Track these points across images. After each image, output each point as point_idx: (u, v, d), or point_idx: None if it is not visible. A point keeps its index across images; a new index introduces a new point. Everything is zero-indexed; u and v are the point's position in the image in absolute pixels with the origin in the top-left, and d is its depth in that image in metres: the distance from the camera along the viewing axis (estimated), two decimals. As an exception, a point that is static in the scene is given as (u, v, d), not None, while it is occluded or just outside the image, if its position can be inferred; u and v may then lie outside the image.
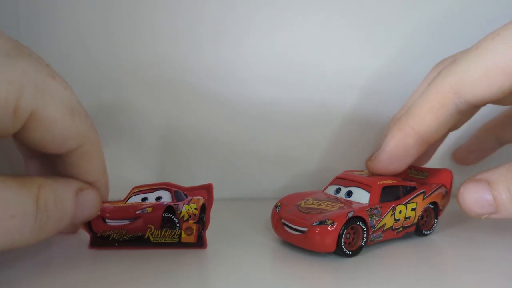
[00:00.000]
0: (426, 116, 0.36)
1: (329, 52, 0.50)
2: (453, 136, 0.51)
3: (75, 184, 0.32)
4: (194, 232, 0.37)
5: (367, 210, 0.36)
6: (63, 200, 0.31)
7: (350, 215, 0.34)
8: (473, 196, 0.33)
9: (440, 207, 0.41)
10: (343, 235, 0.34)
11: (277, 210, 0.38)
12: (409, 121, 0.37)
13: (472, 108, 0.36)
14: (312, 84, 0.50)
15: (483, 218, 0.33)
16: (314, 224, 0.34)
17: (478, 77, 0.33)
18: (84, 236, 0.36)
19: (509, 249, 0.38)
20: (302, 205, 0.37)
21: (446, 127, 0.37)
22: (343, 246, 0.34)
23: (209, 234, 0.37)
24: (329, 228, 0.33)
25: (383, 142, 0.39)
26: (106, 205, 0.36)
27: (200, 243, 0.37)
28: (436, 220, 0.40)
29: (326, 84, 0.50)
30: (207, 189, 0.38)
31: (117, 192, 0.37)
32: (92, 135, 0.32)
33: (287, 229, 0.36)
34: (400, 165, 0.39)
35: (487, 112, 0.44)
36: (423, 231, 0.40)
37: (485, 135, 0.50)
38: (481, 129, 0.50)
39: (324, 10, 0.49)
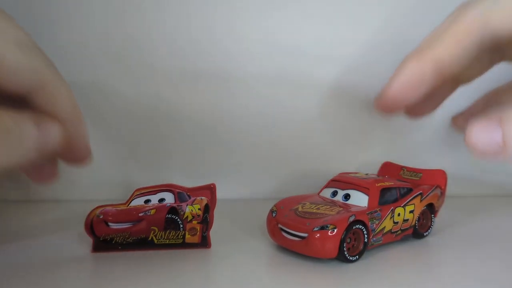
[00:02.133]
0: (447, 43, 0.32)
1: (330, 51, 0.48)
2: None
3: (33, 115, 0.28)
4: (198, 233, 0.35)
5: (368, 214, 0.34)
6: (22, 124, 0.27)
7: (351, 219, 0.32)
8: (482, 132, 0.29)
9: (436, 208, 0.39)
10: (345, 240, 0.32)
11: (273, 215, 0.36)
12: (428, 47, 0.33)
13: (495, 46, 0.32)
14: (311, 84, 0.48)
15: (487, 159, 0.30)
16: (315, 229, 0.32)
17: (510, 4, 0.30)
18: (87, 240, 0.34)
19: (507, 249, 0.37)
20: (300, 209, 0.35)
21: (466, 59, 0.33)
22: (345, 251, 0.32)
23: (212, 234, 0.35)
24: (330, 233, 0.32)
25: (397, 70, 0.35)
26: (109, 208, 0.34)
27: (204, 243, 0.35)
28: (432, 221, 0.39)
29: (325, 84, 0.49)
30: (210, 189, 0.36)
31: (119, 195, 0.35)
32: (51, 72, 0.29)
33: (285, 234, 0.34)
34: (412, 95, 0.34)
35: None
36: (421, 233, 0.38)
37: (489, 102, 0.45)
38: (486, 95, 0.45)
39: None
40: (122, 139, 0.47)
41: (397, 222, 0.36)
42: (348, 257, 0.33)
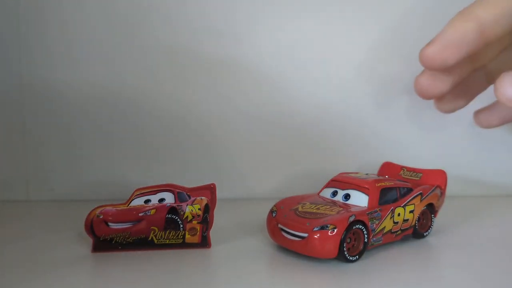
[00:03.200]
0: (491, 3, 0.33)
1: (331, 51, 0.48)
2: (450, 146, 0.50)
3: None
4: (198, 233, 0.35)
5: (368, 214, 0.34)
6: None
7: (352, 219, 0.32)
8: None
9: (436, 208, 0.39)
10: (345, 240, 0.32)
11: (273, 215, 0.35)
12: (472, 7, 0.34)
13: None
14: (311, 84, 0.48)
15: None
16: (315, 229, 0.32)
17: None
18: (87, 240, 0.34)
19: (507, 249, 0.37)
20: (300, 209, 0.35)
21: (507, 21, 0.33)
22: (345, 251, 0.32)
23: (212, 234, 0.35)
24: (330, 233, 0.31)
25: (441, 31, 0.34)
26: (109, 208, 0.34)
27: (204, 243, 0.35)
28: (432, 221, 0.39)
29: (325, 85, 0.49)
30: (210, 189, 0.36)
31: (119, 195, 0.35)
32: None
33: (285, 234, 0.34)
34: (453, 54, 0.34)
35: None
36: (421, 233, 0.38)
37: None
38: None
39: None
40: (123, 139, 0.47)
41: (397, 222, 0.36)
42: (348, 257, 0.32)
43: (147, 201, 0.35)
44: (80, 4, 0.45)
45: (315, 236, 0.32)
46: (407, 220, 0.37)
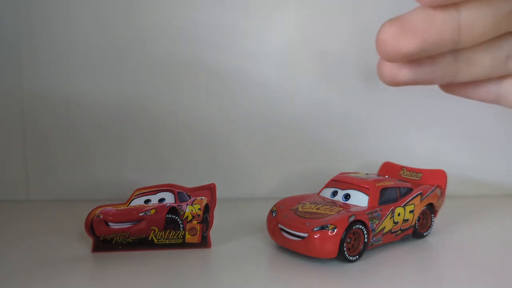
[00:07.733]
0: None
1: (329, 51, 0.48)
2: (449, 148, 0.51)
3: None
4: (198, 232, 0.35)
5: (368, 214, 0.34)
6: None
7: (352, 219, 0.32)
8: None
9: (436, 208, 0.39)
10: (345, 240, 0.32)
11: (273, 215, 0.35)
12: None
13: None
14: (310, 84, 0.48)
15: None
16: (315, 229, 0.32)
17: None
18: (87, 240, 0.34)
19: (507, 249, 0.37)
20: (300, 209, 0.35)
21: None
22: (345, 251, 0.32)
23: (212, 234, 0.35)
24: (330, 233, 0.31)
25: None
26: (109, 208, 0.34)
27: (204, 243, 0.35)
28: (432, 221, 0.39)
29: (324, 85, 0.49)
30: (210, 189, 0.36)
31: (119, 195, 0.35)
32: None
33: (285, 234, 0.34)
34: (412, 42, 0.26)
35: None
36: (421, 233, 0.38)
37: None
38: None
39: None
40: (123, 139, 0.47)
41: (397, 222, 0.36)
42: (348, 257, 0.32)
43: (147, 201, 0.35)
44: (82, 9, 0.45)
45: (315, 236, 0.32)
46: (407, 220, 0.37)
